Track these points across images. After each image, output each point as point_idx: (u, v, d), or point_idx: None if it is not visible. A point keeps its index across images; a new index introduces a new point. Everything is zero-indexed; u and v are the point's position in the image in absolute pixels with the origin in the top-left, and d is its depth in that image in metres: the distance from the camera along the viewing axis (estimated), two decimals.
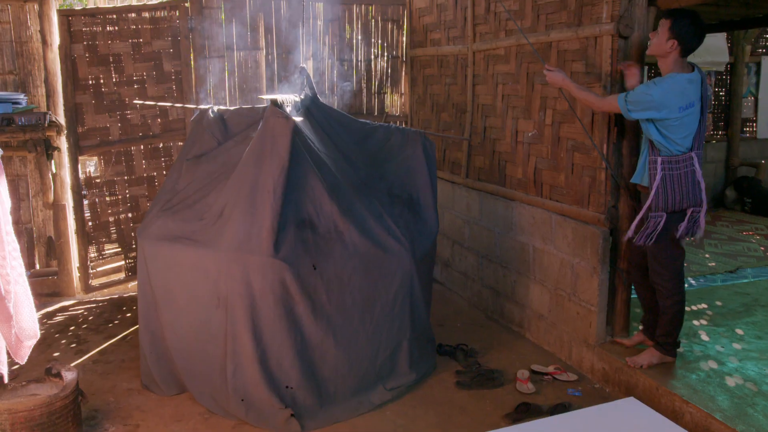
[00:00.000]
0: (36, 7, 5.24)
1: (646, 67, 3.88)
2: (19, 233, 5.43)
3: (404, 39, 6.38)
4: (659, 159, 3.40)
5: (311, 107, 4.10)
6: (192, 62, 5.73)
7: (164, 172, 5.77)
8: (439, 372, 4.11)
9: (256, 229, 3.41)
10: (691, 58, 3.54)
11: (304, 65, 4.79)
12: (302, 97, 4.08)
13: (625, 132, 3.81)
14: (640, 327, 3.95)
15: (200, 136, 4.10)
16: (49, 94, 5.33)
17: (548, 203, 4.35)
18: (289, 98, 3.91)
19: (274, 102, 3.76)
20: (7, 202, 2.38)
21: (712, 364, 3.72)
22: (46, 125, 5.10)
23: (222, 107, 4.26)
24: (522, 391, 3.84)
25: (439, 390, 3.89)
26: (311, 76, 4.43)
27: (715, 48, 7.52)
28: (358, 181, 3.92)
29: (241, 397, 3.45)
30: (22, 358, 2.49)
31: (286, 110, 3.76)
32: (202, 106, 4.28)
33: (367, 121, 4.47)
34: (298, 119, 3.75)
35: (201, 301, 3.54)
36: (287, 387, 3.45)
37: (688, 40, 3.35)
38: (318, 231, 3.57)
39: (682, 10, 3.44)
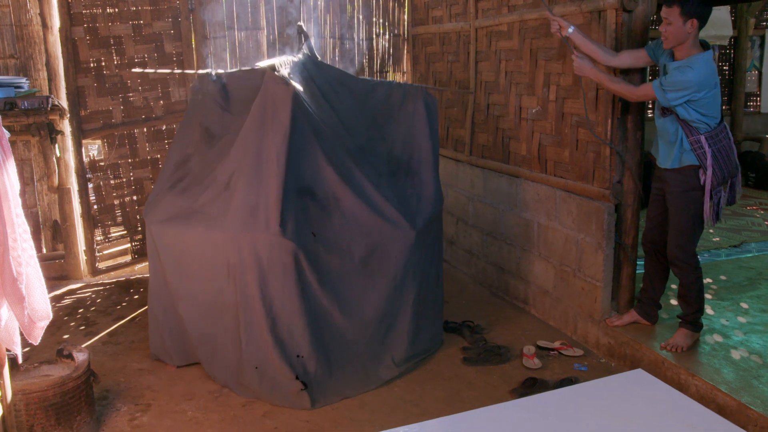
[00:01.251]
0: None
1: (650, 42, 3.85)
2: (25, 217, 5.44)
3: (405, 17, 6.33)
4: (702, 138, 3.39)
5: (310, 68, 4.02)
6: (193, 43, 5.70)
7: None
8: (445, 348, 4.14)
9: (263, 201, 3.43)
10: None
11: (302, 23, 4.71)
12: (300, 56, 4.02)
13: (629, 106, 3.80)
14: (636, 304, 3.97)
15: (202, 104, 4.07)
16: (51, 78, 5.31)
17: (552, 179, 4.35)
18: (287, 60, 3.85)
19: (272, 68, 3.70)
20: (17, 185, 2.39)
21: (717, 338, 3.75)
22: (49, 109, 5.09)
23: (221, 71, 4.22)
24: (528, 366, 3.88)
25: (446, 366, 3.92)
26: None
27: (719, 21, 7.46)
28: (356, 147, 3.89)
29: (255, 365, 3.49)
30: (36, 339, 2.51)
31: (284, 73, 3.70)
32: (201, 71, 4.25)
33: (369, 79, 4.38)
34: (297, 85, 3.71)
35: (212, 273, 3.58)
36: (298, 356, 3.47)
37: (703, 12, 3.34)
38: (317, 198, 3.59)
39: None
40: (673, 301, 4.20)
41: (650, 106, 6.46)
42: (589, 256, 4.04)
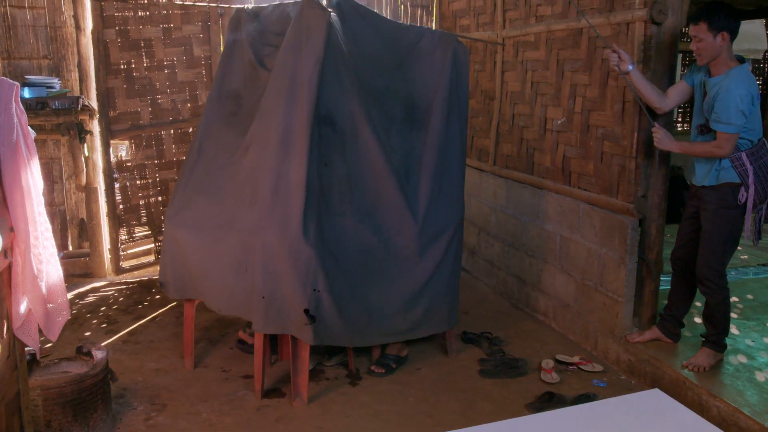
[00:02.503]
0: None
1: (680, 55, 3.79)
2: (52, 215, 5.55)
3: (433, 25, 6.33)
4: (743, 155, 3.34)
5: (342, 4, 3.96)
6: (222, 47, 5.76)
7: None
8: (462, 359, 4.11)
9: (296, 125, 3.49)
10: None
11: None
12: None
13: (656, 120, 3.74)
14: (658, 321, 3.90)
15: (236, 59, 4.05)
16: (82, 79, 5.41)
17: (576, 192, 4.30)
18: None
19: None
20: (40, 184, 2.43)
21: (742, 359, 3.66)
22: (79, 109, 5.18)
23: (256, 5, 4.20)
24: (546, 380, 3.83)
25: (462, 377, 3.89)
26: None
27: (752, 35, 7.33)
28: (378, 88, 3.85)
29: (262, 294, 3.45)
30: (54, 335, 2.55)
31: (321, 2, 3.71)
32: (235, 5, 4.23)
33: (400, 23, 4.30)
34: (332, 12, 3.70)
35: (230, 198, 3.65)
36: (315, 290, 3.42)
37: (732, 25, 3.30)
38: (336, 128, 3.61)
39: (705, 6, 3.38)
40: (697, 319, 4.12)
41: (678, 119, 6.37)
42: (612, 271, 3.98)
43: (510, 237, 5.11)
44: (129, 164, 5.62)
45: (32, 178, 2.37)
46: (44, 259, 2.42)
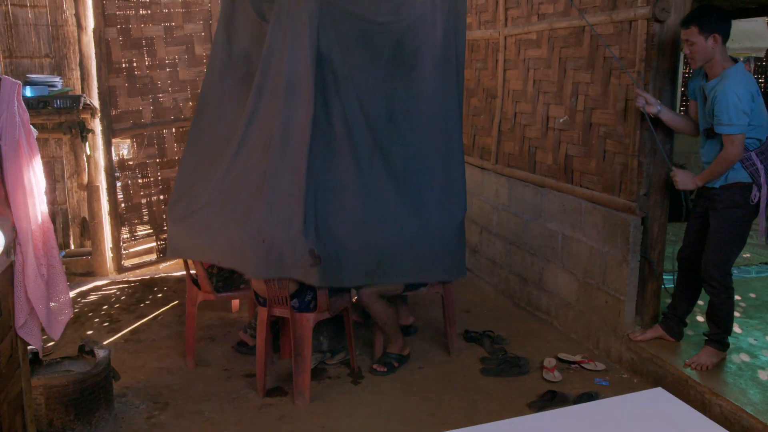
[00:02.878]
0: None
1: (682, 54, 3.78)
2: (54, 214, 5.55)
3: None
4: (752, 154, 3.33)
5: None
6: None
7: None
8: (464, 358, 4.11)
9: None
10: (729, 44, 3.46)
11: None
12: None
13: (659, 118, 3.73)
14: (661, 319, 3.89)
15: (239, 19, 4.00)
16: (84, 77, 5.41)
17: (578, 190, 4.29)
18: None
19: None
20: (43, 183, 2.43)
21: (744, 357, 3.65)
22: (81, 108, 5.19)
23: None
24: (548, 379, 3.82)
25: (464, 376, 3.89)
26: None
27: (754, 33, 7.31)
28: (370, 28, 3.82)
29: (263, 239, 3.44)
30: (56, 334, 2.56)
31: None
32: None
33: None
34: None
35: (244, 151, 3.70)
36: (318, 230, 3.45)
37: (723, 26, 3.31)
38: (333, 68, 3.62)
39: (695, 10, 3.39)
40: (700, 318, 4.12)
41: None
42: (614, 270, 3.97)
43: (512, 236, 5.10)
44: (130, 163, 5.62)
45: (34, 177, 2.37)
46: (46, 257, 2.42)
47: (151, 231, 5.82)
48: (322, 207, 3.50)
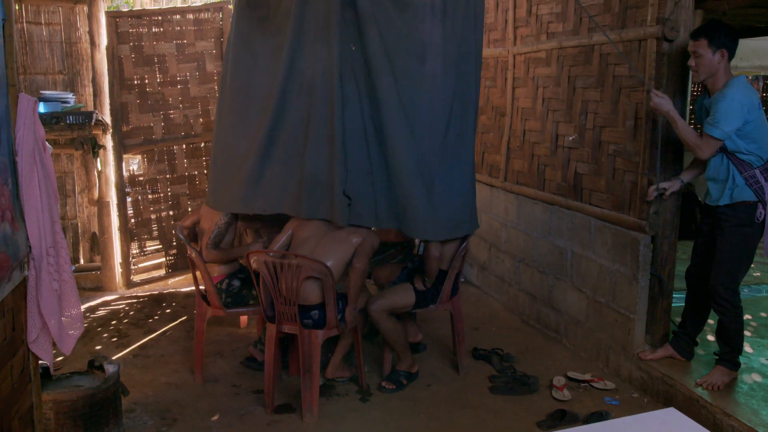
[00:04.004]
0: (85, 9, 5.39)
1: (691, 74, 3.80)
2: (64, 229, 5.59)
3: None
4: (756, 172, 3.33)
5: None
6: None
7: (205, 171, 5.87)
8: (473, 376, 4.09)
9: None
10: (737, 62, 3.48)
11: None
12: None
13: (669, 136, 3.73)
14: (672, 339, 3.86)
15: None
16: (96, 94, 5.47)
17: (588, 208, 4.29)
18: None
19: None
20: (56, 199, 2.45)
21: (756, 377, 3.62)
22: (93, 124, 5.24)
23: None
24: (557, 397, 3.80)
25: (473, 394, 3.87)
26: None
27: (762, 51, 7.33)
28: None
29: (317, 180, 3.68)
30: (68, 350, 2.56)
31: None
32: None
33: None
34: None
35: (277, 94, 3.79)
36: (347, 170, 3.61)
37: (731, 43, 3.35)
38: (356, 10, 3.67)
39: (706, 24, 3.43)
40: (710, 337, 4.09)
41: None
42: (624, 288, 3.96)
43: (521, 253, 5.10)
44: (141, 178, 5.65)
45: (49, 192, 2.39)
46: (59, 273, 2.44)
47: (161, 246, 5.84)
48: (350, 151, 3.65)
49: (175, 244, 5.78)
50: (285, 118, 3.80)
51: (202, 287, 4.00)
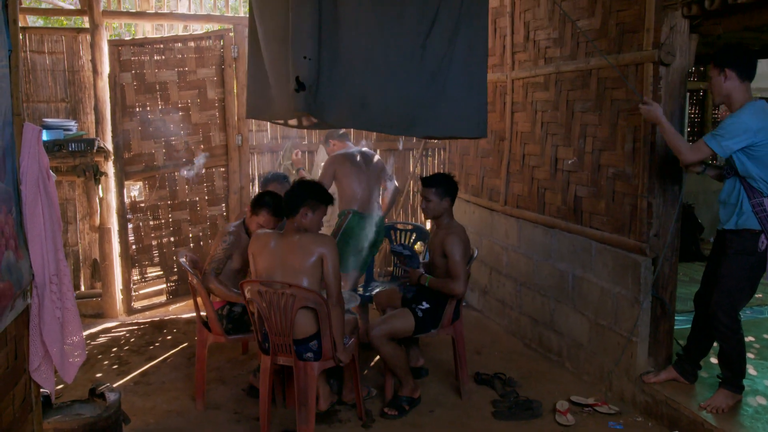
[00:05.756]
0: (88, 37, 5.45)
1: (687, 94, 3.84)
2: (66, 255, 5.58)
3: None
4: (765, 200, 3.31)
5: None
6: (235, 90, 5.87)
7: (206, 197, 5.89)
8: (475, 401, 4.06)
9: None
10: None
11: None
12: None
13: (668, 159, 3.76)
14: (675, 361, 3.84)
15: None
16: (98, 121, 5.51)
17: (588, 231, 4.30)
18: None
19: None
20: (60, 226, 2.47)
21: (761, 400, 3.60)
22: (95, 151, 5.27)
23: None
24: (561, 422, 3.77)
25: (475, 419, 3.84)
26: None
27: (757, 74, 7.37)
28: None
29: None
30: (70, 378, 2.55)
31: None
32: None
33: None
34: None
35: None
36: (304, 57, 3.34)
37: (738, 63, 3.34)
38: None
39: (722, 48, 3.43)
40: (714, 360, 4.07)
41: None
42: (626, 310, 3.95)
43: (522, 276, 5.10)
44: (142, 205, 5.67)
45: (52, 220, 2.41)
46: (62, 300, 2.44)
47: (162, 273, 5.83)
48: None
49: (176, 270, 5.77)
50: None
51: (203, 313, 3.99)
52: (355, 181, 4.78)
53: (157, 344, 5.04)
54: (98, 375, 4.45)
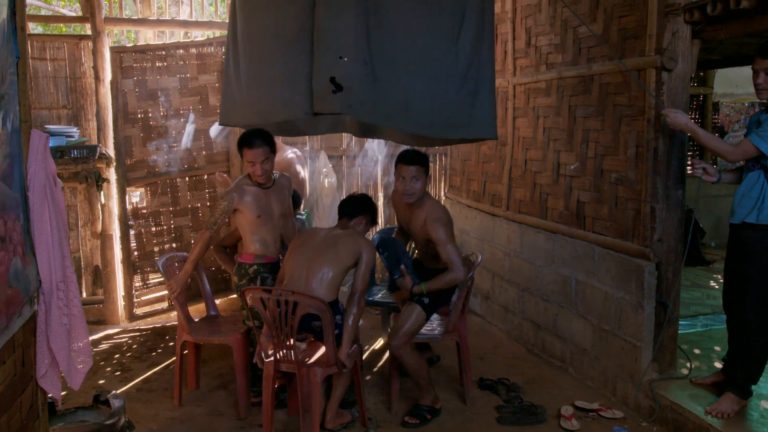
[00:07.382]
0: (90, 44, 5.46)
1: (689, 100, 3.85)
2: None
3: None
4: None
5: None
6: None
7: (208, 204, 5.89)
8: (479, 406, 4.06)
9: None
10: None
11: None
12: None
13: (670, 164, 3.77)
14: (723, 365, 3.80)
15: None
16: (100, 127, 5.51)
17: (591, 236, 4.30)
18: None
19: None
20: (66, 233, 2.46)
21: (766, 405, 3.60)
22: (97, 157, 5.27)
23: None
24: (566, 427, 3.76)
25: (479, 425, 3.84)
26: None
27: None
28: None
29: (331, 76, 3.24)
30: (76, 385, 2.55)
31: None
32: None
33: None
34: None
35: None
36: (341, 57, 3.23)
37: None
38: None
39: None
40: (718, 364, 4.07)
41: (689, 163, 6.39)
42: (629, 315, 3.96)
43: (524, 282, 5.10)
44: (144, 211, 5.67)
45: (59, 227, 2.41)
46: (69, 307, 2.44)
47: (163, 279, 5.81)
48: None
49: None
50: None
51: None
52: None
53: (159, 350, 5.03)
54: (101, 382, 4.44)
